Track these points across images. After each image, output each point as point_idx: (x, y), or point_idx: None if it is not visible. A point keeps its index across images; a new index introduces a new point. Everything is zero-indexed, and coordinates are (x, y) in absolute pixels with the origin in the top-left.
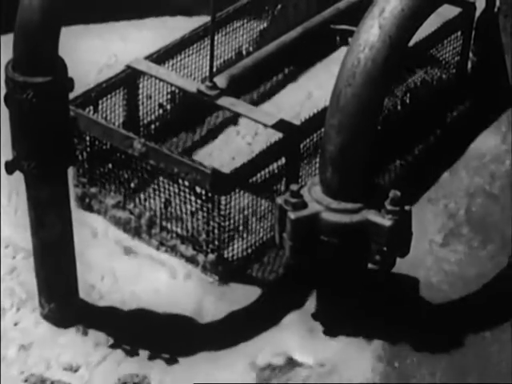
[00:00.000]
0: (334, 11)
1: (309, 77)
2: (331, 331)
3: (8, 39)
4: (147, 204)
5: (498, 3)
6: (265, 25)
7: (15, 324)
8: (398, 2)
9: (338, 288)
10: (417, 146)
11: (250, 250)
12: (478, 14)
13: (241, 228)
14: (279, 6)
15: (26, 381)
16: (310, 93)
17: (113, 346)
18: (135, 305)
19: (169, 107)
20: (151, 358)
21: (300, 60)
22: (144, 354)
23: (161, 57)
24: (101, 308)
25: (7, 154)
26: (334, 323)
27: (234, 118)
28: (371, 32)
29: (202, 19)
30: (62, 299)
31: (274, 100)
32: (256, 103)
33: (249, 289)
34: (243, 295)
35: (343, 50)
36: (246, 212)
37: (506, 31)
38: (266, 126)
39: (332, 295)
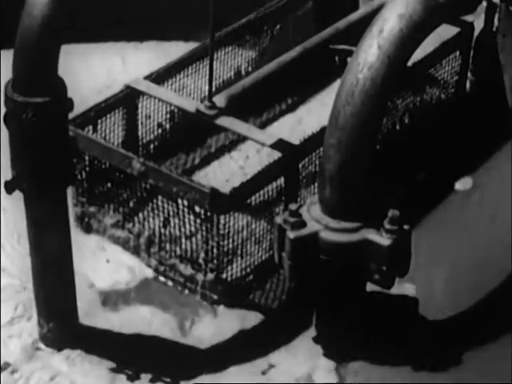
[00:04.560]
0: (332, 31)
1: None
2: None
3: (9, 54)
4: (146, 223)
5: (496, 23)
6: (264, 45)
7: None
8: (397, 22)
9: (338, 308)
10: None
11: (249, 270)
12: (476, 33)
13: (239, 247)
14: (278, 26)
15: None
16: (301, 118)
17: (114, 370)
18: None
19: (168, 127)
20: (152, 381)
21: (299, 81)
22: (145, 377)
23: (160, 77)
24: (99, 329)
25: (7, 174)
26: (334, 346)
27: (229, 140)
28: (370, 52)
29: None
30: (60, 319)
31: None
32: None
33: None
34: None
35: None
36: (244, 231)
37: (504, 51)
38: (264, 145)
39: (331, 317)
